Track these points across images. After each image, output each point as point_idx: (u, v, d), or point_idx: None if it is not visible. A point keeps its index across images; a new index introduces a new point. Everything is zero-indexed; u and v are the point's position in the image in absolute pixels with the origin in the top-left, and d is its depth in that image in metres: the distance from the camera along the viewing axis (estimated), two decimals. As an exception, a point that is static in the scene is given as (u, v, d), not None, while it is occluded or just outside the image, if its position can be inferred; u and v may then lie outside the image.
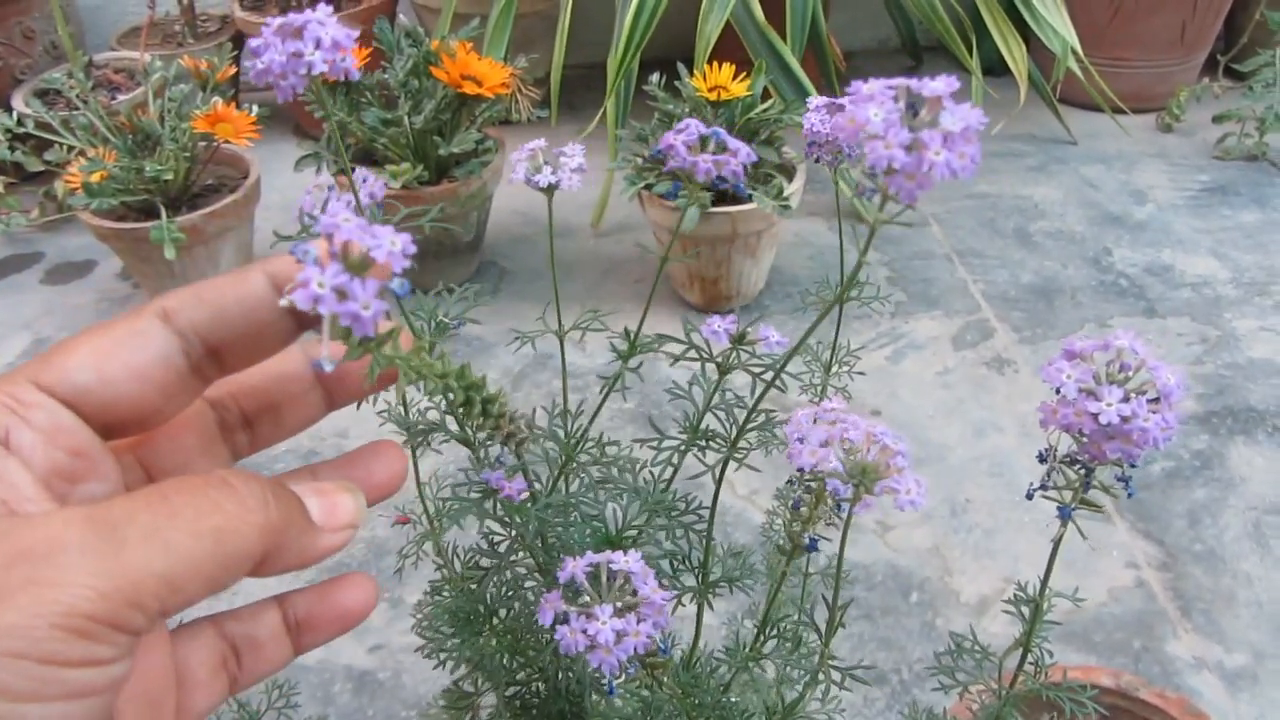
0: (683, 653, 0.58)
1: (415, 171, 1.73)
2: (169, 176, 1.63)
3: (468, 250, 1.93)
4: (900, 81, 0.35)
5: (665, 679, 0.48)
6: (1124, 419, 0.40)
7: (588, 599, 0.42)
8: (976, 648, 0.61)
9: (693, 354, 0.53)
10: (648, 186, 1.75)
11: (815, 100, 0.74)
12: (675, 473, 0.55)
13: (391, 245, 0.27)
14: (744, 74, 1.70)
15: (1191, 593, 1.35)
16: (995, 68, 2.42)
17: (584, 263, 2.05)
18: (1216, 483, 1.52)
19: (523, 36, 2.27)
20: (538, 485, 0.52)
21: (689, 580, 0.58)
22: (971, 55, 2.08)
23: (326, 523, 0.32)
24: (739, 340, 0.53)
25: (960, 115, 0.33)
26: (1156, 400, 0.42)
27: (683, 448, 0.53)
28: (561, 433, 0.53)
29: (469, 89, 1.67)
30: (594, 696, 0.61)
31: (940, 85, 0.34)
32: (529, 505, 0.49)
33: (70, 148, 1.72)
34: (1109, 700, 0.98)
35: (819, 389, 1.03)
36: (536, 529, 0.49)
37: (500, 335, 1.84)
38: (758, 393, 0.53)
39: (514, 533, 0.51)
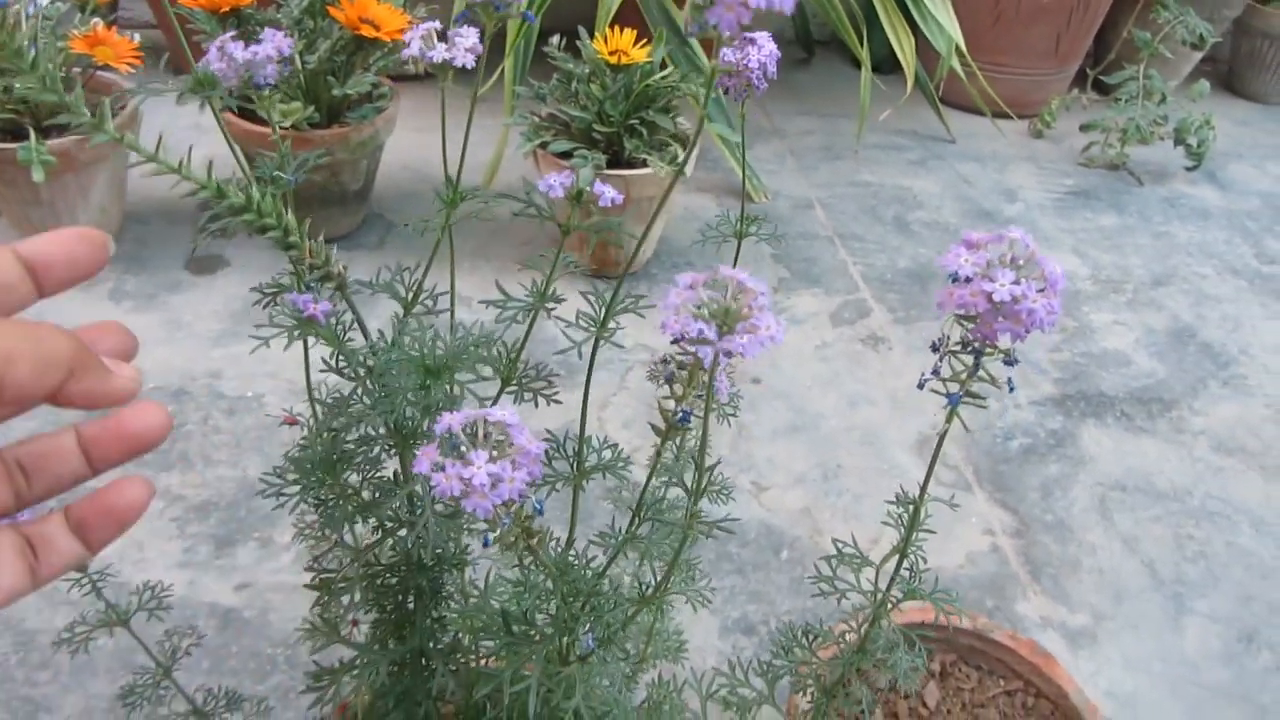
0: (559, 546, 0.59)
1: (306, 112, 1.69)
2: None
3: (355, 200, 1.89)
4: None
5: (541, 553, 0.48)
6: (1014, 299, 0.43)
7: (464, 449, 0.42)
8: (856, 554, 0.64)
9: (531, 211, 0.55)
10: (543, 145, 1.74)
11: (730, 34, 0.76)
12: (528, 333, 0.57)
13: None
14: (644, 41, 1.71)
15: (1041, 559, 1.43)
16: (882, 65, 2.51)
17: (473, 222, 2.04)
18: (1068, 460, 1.61)
19: (421, -10, 2.23)
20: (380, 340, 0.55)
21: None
22: (862, 46, 2.14)
23: (116, 371, 0.38)
24: (576, 198, 0.54)
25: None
26: (1043, 290, 0.45)
27: (529, 309, 0.55)
28: (401, 288, 0.55)
29: (366, 32, 1.64)
30: (453, 575, 0.62)
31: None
32: (361, 349, 0.52)
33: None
34: (966, 641, 1.03)
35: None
36: (367, 368, 0.51)
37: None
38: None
39: (353, 373, 0.53)
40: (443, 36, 0.56)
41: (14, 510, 0.40)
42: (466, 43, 0.55)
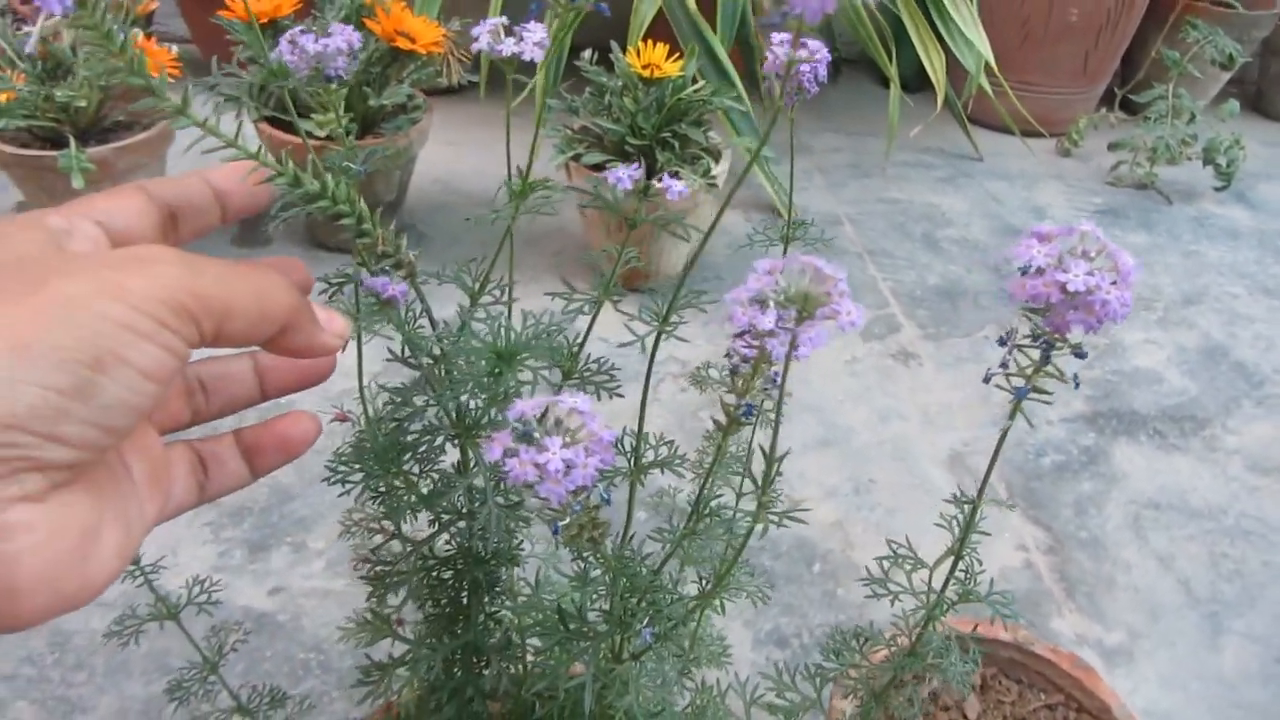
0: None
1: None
2: (81, 104, 1.57)
3: (388, 211, 1.90)
4: None
5: (604, 546, 0.48)
6: (1089, 289, 0.43)
7: (537, 435, 0.42)
8: (910, 557, 0.63)
9: (599, 203, 0.55)
10: (576, 157, 1.75)
11: (779, 35, 0.76)
12: (590, 326, 0.58)
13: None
14: (676, 55, 1.72)
15: (1075, 576, 1.42)
16: (909, 83, 2.51)
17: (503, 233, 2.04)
18: (1101, 477, 1.60)
19: (452, 4, 2.25)
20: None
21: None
22: (891, 64, 2.15)
23: (327, 326, 0.40)
24: (644, 191, 0.55)
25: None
26: (1116, 283, 0.45)
27: (593, 303, 0.55)
28: (469, 279, 0.56)
29: (402, 44, 1.65)
30: (508, 570, 0.62)
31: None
32: (429, 337, 0.52)
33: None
34: (1006, 654, 1.02)
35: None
36: (433, 356, 0.51)
37: (412, 298, 1.83)
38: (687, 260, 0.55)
39: (421, 362, 0.53)
40: (509, 32, 0.56)
41: (189, 425, 0.42)
42: (535, 37, 0.56)
